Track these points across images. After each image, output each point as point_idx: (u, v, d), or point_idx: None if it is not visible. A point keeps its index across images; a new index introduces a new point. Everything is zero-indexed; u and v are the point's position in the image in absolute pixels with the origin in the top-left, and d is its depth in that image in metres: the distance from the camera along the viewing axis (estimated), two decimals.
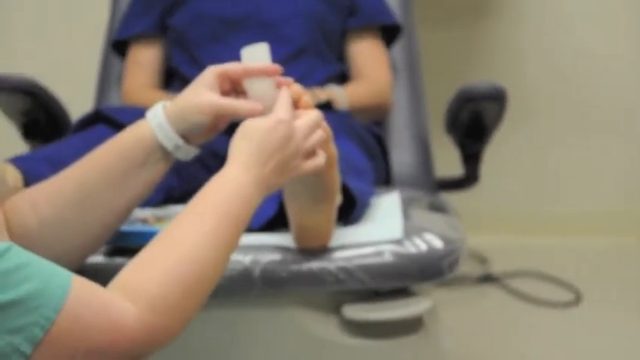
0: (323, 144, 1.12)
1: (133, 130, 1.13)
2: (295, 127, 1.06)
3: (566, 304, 2.42)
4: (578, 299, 2.44)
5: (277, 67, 1.13)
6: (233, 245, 0.99)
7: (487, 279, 2.60)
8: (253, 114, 1.10)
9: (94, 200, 1.10)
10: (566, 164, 2.98)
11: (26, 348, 0.79)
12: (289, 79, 1.14)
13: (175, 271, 0.90)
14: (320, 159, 1.10)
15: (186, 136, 1.12)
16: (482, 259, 2.73)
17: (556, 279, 2.56)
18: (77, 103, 2.11)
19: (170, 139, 1.11)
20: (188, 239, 0.93)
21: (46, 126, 1.95)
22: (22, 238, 1.07)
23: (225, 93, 1.15)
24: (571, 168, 2.97)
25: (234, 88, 1.16)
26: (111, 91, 2.12)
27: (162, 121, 1.11)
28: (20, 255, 0.83)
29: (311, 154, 1.09)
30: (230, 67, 1.13)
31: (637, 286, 2.57)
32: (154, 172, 1.13)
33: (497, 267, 2.67)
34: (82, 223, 1.11)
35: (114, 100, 2.10)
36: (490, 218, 2.90)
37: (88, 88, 2.19)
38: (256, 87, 1.13)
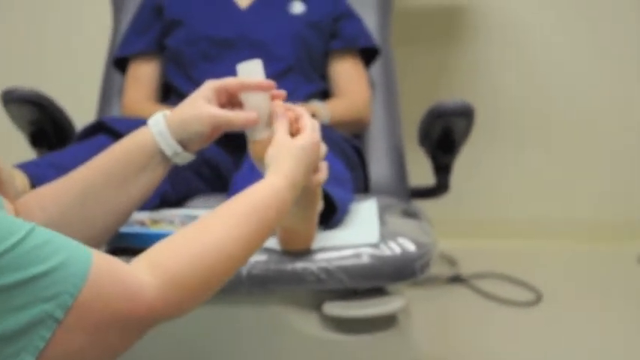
0: None
1: (136, 136, 1.14)
2: (320, 147, 1.11)
3: (528, 304, 2.43)
4: (538, 299, 2.45)
5: (271, 83, 1.14)
6: (259, 244, 0.99)
7: (456, 280, 2.61)
8: (248, 124, 1.13)
9: (97, 200, 1.11)
10: (530, 173, 2.99)
11: (59, 314, 0.80)
12: (282, 92, 1.16)
13: (199, 255, 0.90)
14: (323, 174, 1.13)
15: (184, 144, 1.13)
16: (451, 261, 2.74)
17: (519, 280, 2.57)
18: (81, 114, 2.11)
19: (170, 146, 1.12)
20: (219, 231, 0.93)
21: (53, 135, 1.95)
22: None
23: (221, 105, 1.15)
24: (534, 176, 2.99)
25: (230, 100, 1.16)
26: (112, 103, 2.12)
27: (163, 129, 1.12)
28: (45, 232, 0.83)
29: (316, 169, 1.13)
30: (228, 81, 1.14)
31: (593, 287, 2.59)
32: (154, 176, 1.13)
33: (465, 269, 2.68)
34: (86, 219, 1.11)
35: (115, 112, 2.10)
36: (459, 223, 2.91)
37: (92, 101, 2.19)
38: (252, 99, 1.14)
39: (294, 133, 1.12)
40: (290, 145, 1.07)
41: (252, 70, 1.14)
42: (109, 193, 1.11)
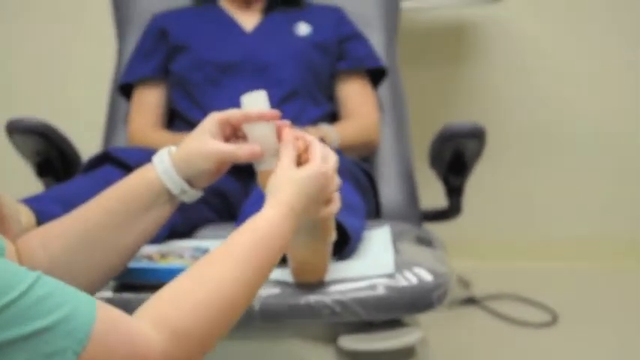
0: None
1: (140, 174, 1.10)
2: (329, 176, 1.06)
3: (543, 325, 2.39)
4: (554, 320, 2.41)
5: (275, 112, 1.10)
6: (262, 282, 0.95)
7: (470, 301, 2.56)
8: (253, 157, 1.09)
9: (101, 241, 1.07)
10: (543, 193, 2.96)
11: None
12: (286, 122, 1.11)
13: (202, 305, 0.86)
14: (336, 206, 1.09)
15: (190, 181, 1.09)
16: (465, 283, 2.69)
17: (534, 301, 2.53)
18: (87, 142, 2.09)
19: (176, 184, 1.08)
20: (219, 276, 0.90)
21: (59, 164, 1.92)
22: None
23: (226, 137, 1.12)
24: (548, 196, 2.95)
25: (234, 132, 1.13)
26: (118, 130, 2.10)
27: (168, 167, 1.08)
28: (49, 282, 0.80)
29: (328, 200, 1.08)
30: (231, 113, 1.10)
31: (610, 307, 2.54)
32: (160, 215, 1.10)
33: (479, 290, 2.64)
34: (89, 262, 1.08)
35: (121, 139, 2.08)
36: (473, 244, 2.87)
37: (98, 128, 2.16)
38: (255, 131, 1.10)
39: (302, 162, 1.08)
40: (291, 175, 1.03)
41: (256, 101, 1.11)
42: (113, 233, 1.07)
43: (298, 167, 1.05)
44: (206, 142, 1.08)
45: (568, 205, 2.95)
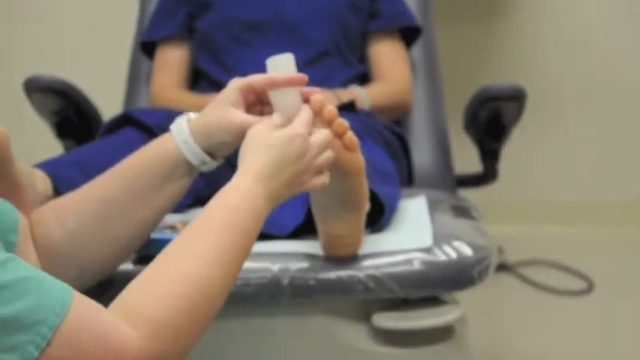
0: (348, 153, 1.03)
1: (158, 144, 1.03)
2: (310, 142, 0.96)
3: (579, 293, 2.32)
4: (590, 288, 2.34)
5: (302, 77, 1.01)
6: (241, 259, 0.87)
7: (502, 267, 2.49)
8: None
9: (119, 212, 1.01)
10: (579, 154, 2.87)
11: None
12: (314, 89, 1.03)
13: (180, 293, 0.79)
14: (325, 178, 1.00)
15: (211, 152, 1.02)
16: (497, 249, 2.61)
17: (569, 268, 2.46)
18: (108, 102, 2.03)
19: (196, 155, 1.01)
20: (194, 257, 0.82)
21: (78, 125, 1.86)
22: (46, 248, 1.00)
23: (250, 104, 1.04)
24: (583, 158, 2.87)
25: (259, 99, 1.04)
26: (140, 90, 2.03)
27: (187, 137, 1.01)
28: (19, 268, 0.73)
29: (319, 171, 0.99)
30: (254, 79, 1.02)
31: None
32: (179, 186, 1.03)
33: (511, 256, 2.56)
34: (107, 234, 1.01)
35: (143, 99, 2.01)
36: (505, 208, 2.79)
37: (118, 88, 2.10)
38: (281, 98, 1.01)
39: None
40: (264, 136, 0.94)
41: (282, 65, 1.01)
42: (131, 206, 1.01)
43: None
44: (226, 113, 1.00)
45: (605, 169, 2.86)
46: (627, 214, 2.81)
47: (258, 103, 1.04)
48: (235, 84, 1.02)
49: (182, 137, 1.01)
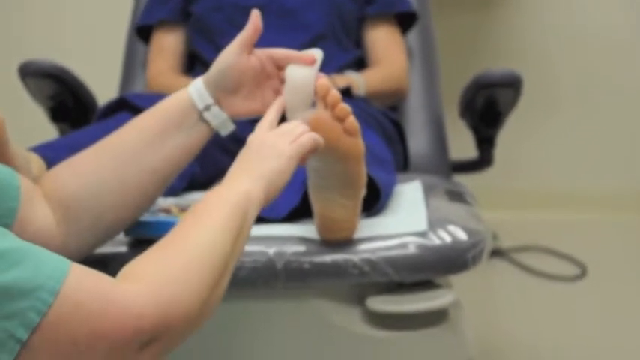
0: (349, 137, 1.05)
1: (173, 95, 1.08)
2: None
3: (572, 278, 2.32)
4: (583, 273, 2.34)
5: (313, 56, 1.07)
6: (242, 236, 0.90)
7: (496, 253, 2.49)
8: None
9: (132, 158, 1.04)
10: (573, 144, 2.86)
11: (22, 333, 0.69)
12: (320, 74, 1.06)
13: (177, 255, 0.81)
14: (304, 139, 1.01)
15: (218, 98, 1.07)
16: (492, 234, 2.61)
17: (562, 253, 2.46)
18: (104, 87, 2.01)
19: (202, 99, 1.06)
20: (190, 235, 0.85)
21: (74, 109, 1.85)
22: (60, 201, 1.02)
23: (266, 76, 1.09)
24: (577, 147, 2.87)
25: (275, 73, 1.10)
26: (135, 75, 2.02)
27: (199, 84, 1.07)
28: (12, 239, 0.73)
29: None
30: (275, 50, 1.09)
31: None
32: (191, 137, 1.06)
33: (505, 242, 2.56)
34: (121, 181, 1.03)
35: (138, 84, 2.00)
36: (499, 194, 2.78)
37: (114, 73, 2.09)
38: (298, 73, 1.06)
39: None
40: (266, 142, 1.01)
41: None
42: (144, 150, 1.04)
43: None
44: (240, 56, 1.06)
45: (598, 156, 2.86)
46: (621, 201, 2.82)
47: (276, 77, 1.09)
48: (235, 40, 1.08)
49: (195, 86, 1.07)
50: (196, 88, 1.07)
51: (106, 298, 0.73)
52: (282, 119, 1.08)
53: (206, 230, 0.85)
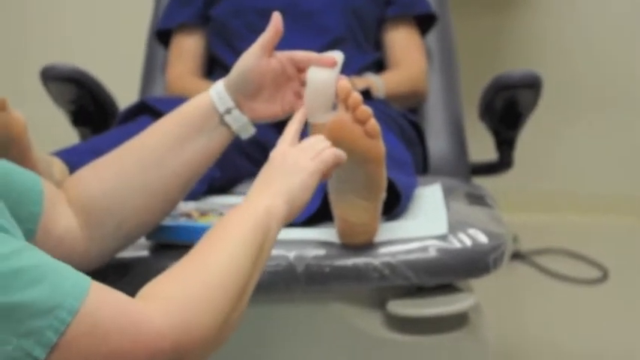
0: (369, 140, 1.05)
1: (195, 98, 1.08)
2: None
3: (593, 281, 2.30)
4: (605, 276, 2.32)
5: (334, 58, 1.07)
6: (264, 253, 0.90)
7: (516, 256, 2.48)
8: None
9: (155, 161, 1.04)
10: (594, 146, 2.84)
11: (39, 352, 0.69)
12: (341, 76, 1.06)
13: (195, 273, 0.81)
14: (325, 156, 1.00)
15: (239, 102, 1.07)
16: (512, 237, 2.59)
17: (583, 256, 2.45)
18: (124, 91, 2.02)
19: (223, 102, 1.06)
20: (225, 257, 0.84)
21: (94, 113, 1.86)
22: (84, 206, 1.02)
23: (287, 78, 1.09)
24: (599, 149, 2.84)
25: (295, 76, 1.10)
26: (156, 79, 2.03)
27: (219, 87, 1.07)
28: (34, 255, 0.73)
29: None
30: (296, 52, 1.09)
31: None
32: (212, 140, 1.06)
33: (526, 244, 2.55)
34: (143, 184, 1.04)
35: (159, 88, 2.01)
36: (519, 196, 2.77)
37: (134, 77, 2.09)
38: (319, 75, 1.05)
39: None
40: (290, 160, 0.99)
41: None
42: (166, 152, 1.04)
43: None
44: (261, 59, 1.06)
45: (619, 158, 2.84)
46: None
47: (296, 79, 1.09)
48: (256, 43, 1.08)
49: (216, 89, 1.07)
50: (217, 92, 1.06)
51: (126, 318, 0.73)
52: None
53: (227, 248, 0.84)
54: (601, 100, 2.80)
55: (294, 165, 0.96)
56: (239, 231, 0.87)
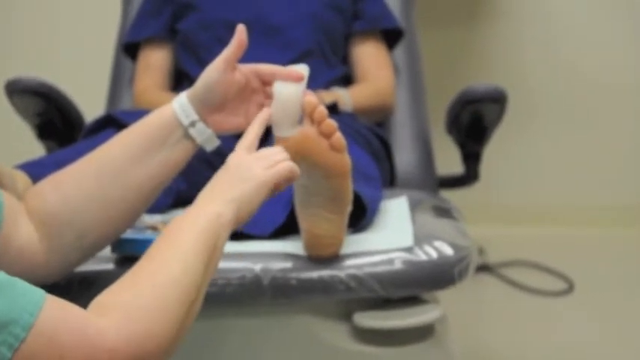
0: (335, 153, 1.05)
1: (158, 110, 1.07)
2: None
3: (559, 293, 2.32)
4: (570, 288, 2.34)
5: (301, 73, 1.07)
6: (214, 259, 0.89)
7: (483, 268, 2.49)
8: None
9: (116, 173, 1.02)
10: (559, 159, 2.87)
11: None
12: (307, 91, 1.06)
13: (148, 282, 0.81)
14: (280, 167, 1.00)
15: (202, 114, 1.05)
16: (478, 250, 2.61)
17: (549, 268, 2.46)
18: (91, 104, 2.01)
19: (187, 115, 1.04)
20: (163, 259, 0.84)
21: (61, 126, 1.84)
22: (43, 218, 1.01)
23: (252, 91, 1.09)
24: (564, 162, 2.87)
25: (262, 88, 1.10)
26: (123, 92, 2.01)
27: (183, 99, 1.06)
28: None
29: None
30: (261, 65, 1.09)
31: (627, 275, 2.47)
32: (175, 153, 1.05)
33: (492, 257, 2.56)
34: (103, 196, 1.02)
35: (126, 101, 1.99)
36: (486, 209, 2.79)
37: (101, 90, 2.08)
38: (285, 90, 1.05)
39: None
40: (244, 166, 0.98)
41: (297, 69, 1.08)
42: (127, 165, 1.02)
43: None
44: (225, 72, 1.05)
45: (584, 171, 2.87)
46: (607, 215, 2.82)
47: (261, 92, 1.09)
48: (220, 56, 1.07)
49: (179, 101, 1.06)
50: (180, 104, 1.05)
51: (80, 332, 0.72)
52: (269, 133, 1.08)
53: (178, 255, 0.84)
54: (565, 114, 2.83)
55: (247, 172, 0.96)
56: (189, 238, 0.86)
